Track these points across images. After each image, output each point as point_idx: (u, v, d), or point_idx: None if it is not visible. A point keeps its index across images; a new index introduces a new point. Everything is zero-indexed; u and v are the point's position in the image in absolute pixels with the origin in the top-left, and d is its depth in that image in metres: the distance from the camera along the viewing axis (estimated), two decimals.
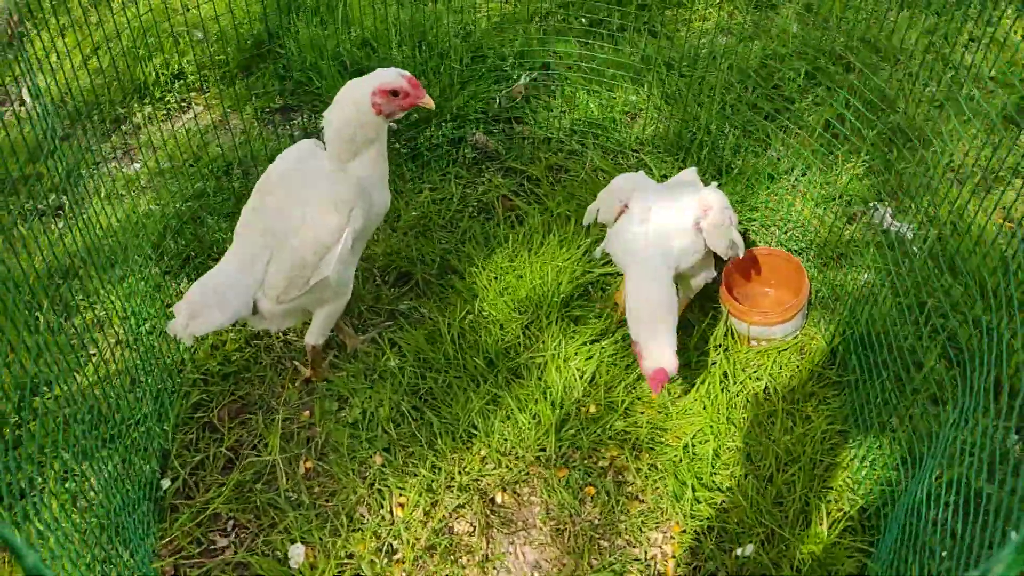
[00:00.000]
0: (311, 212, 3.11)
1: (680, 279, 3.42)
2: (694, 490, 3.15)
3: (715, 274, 3.57)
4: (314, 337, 3.42)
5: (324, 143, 3.18)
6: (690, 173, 3.69)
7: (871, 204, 3.92)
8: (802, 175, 4.09)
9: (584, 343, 3.59)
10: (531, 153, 4.51)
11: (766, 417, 3.35)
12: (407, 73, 3.04)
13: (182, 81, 4.91)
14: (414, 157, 4.48)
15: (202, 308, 3.06)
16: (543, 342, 3.61)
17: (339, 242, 3.11)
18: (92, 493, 2.87)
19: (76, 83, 4.06)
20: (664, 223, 3.28)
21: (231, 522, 3.24)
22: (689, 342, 3.56)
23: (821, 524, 3.04)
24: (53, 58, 4.37)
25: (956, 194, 3.32)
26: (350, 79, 3.11)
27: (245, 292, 3.15)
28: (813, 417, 3.33)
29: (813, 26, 4.77)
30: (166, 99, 4.91)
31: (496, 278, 3.86)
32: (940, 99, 4.13)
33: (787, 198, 4.07)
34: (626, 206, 3.37)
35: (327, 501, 3.26)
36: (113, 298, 3.50)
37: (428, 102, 3.07)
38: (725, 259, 3.53)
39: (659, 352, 3.05)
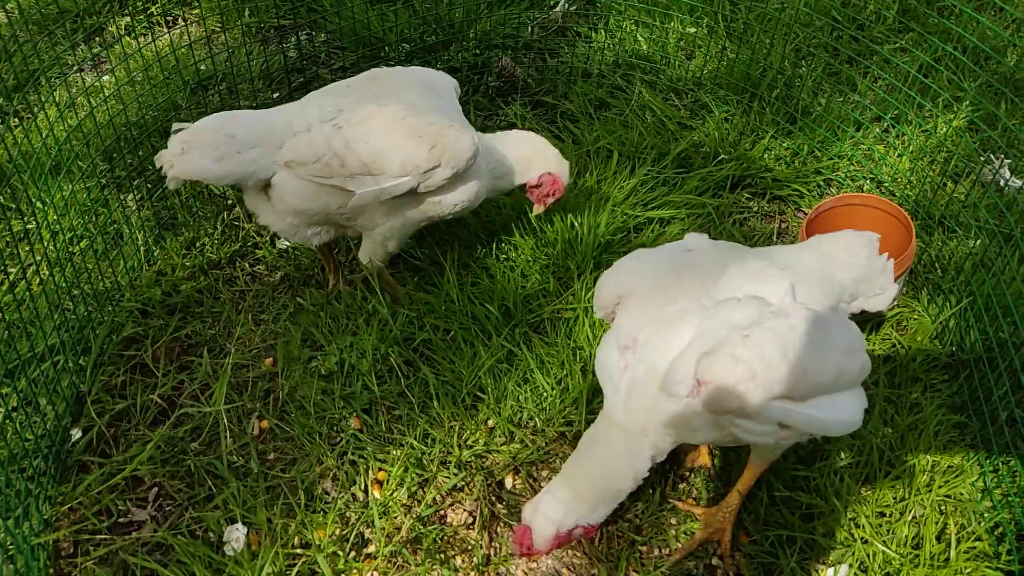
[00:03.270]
0: (407, 121, 2.50)
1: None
2: (769, 488, 2.37)
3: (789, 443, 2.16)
4: (363, 256, 2.79)
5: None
6: (699, 239, 2.27)
7: (985, 157, 3.17)
8: (893, 125, 3.36)
9: None
10: (566, 87, 3.78)
11: None
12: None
13: None
14: None
15: (200, 146, 2.43)
16: (574, 293, 2.85)
17: (394, 178, 2.50)
18: None
19: None
20: (656, 363, 1.96)
21: (155, 490, 2.47)
22: None
23: (941, 544, 2.26)
24: None
25: None
26: None
27: (261, 154, 2.49)
28: (923, 405, 2.56)
29: None
30: (150, 10, 4.22)
31: (518, 218, 3.10)
32: None
33: (878, 148, 3.33)
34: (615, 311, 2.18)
35: (282, 471, 2.49)
36: (48, 210, 2.78)
37: (539, 211, 2.94)
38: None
39: (545, 512, 2.08)
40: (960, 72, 3.61)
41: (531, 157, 2.81)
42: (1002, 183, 3.10)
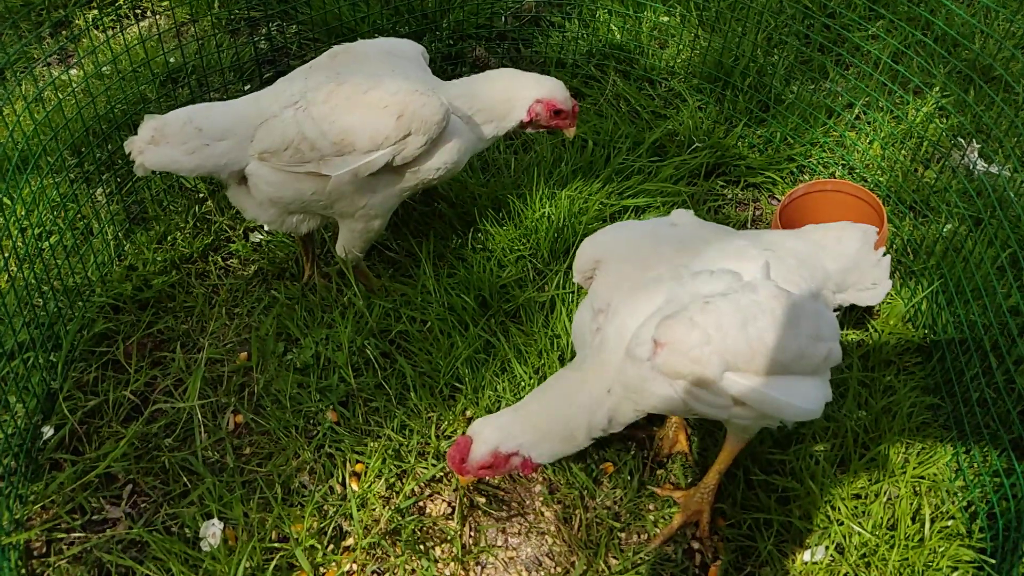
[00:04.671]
0: (369, 95, 2.43)
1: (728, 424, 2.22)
2: (746, 472, 2.39)
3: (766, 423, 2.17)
4: (340, 248, 2.74)
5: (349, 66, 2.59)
6: (684, 215, 2.30)
7: (956, 141, 3.21)
8: (864, 112, 3.39)
9: None
10: None
11: (834, 386, 2.59)
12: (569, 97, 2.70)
13: None
14: None
15: (170, 136, 2.41)
16: (550, 280, 2.84)
17: (366, 154, 2.42)
18: None
19: None
20: (625, 325, 1.98)
21: (129, 487, 2.44)
22: None
23: (916, 524, 2.29)
24: None
25: None
26: None
27: (232, 146, 2.46)
28: (897, 388, 2.59)
29: None
30: (117, 2, 4.15)
31: (494, 207, 3.09)
32: None
33: (850, 134, 3.36)
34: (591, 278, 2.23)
35: (259, 466, 2.47)
36: (16, 206, 2.73)
37: (572, 133, 2.78)
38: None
39: (491, 427, 2.07)
40: (931, 59, 3.65)
41: (509, 94, 2.66)
42: (971, 167, 3.14)
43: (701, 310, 1.84)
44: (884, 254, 2.25)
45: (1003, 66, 3.46)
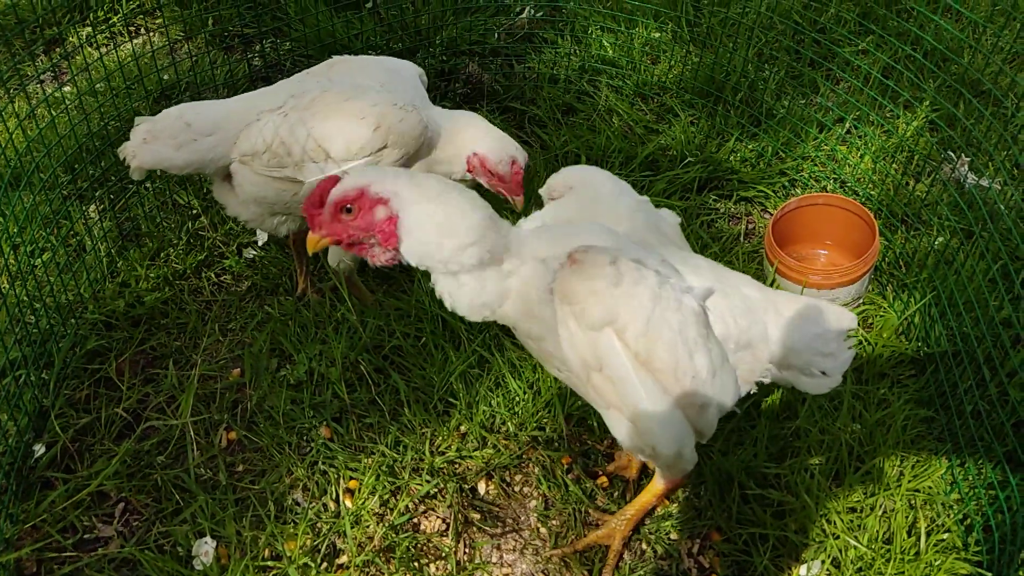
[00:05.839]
0: (349, 104, 2.43)
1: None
2: (741, 486, 2.38)
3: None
4: (332, 258, 2.74)
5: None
6: (672, 216, 2.30)
7: (947, 155, 3.23)
8: (855, 126, 3.42)
9: None
10: (533, 92, 3.79)
11: (828, 400, 2.60)
12: (524, 162, 2.61)
13: (131, 1, 4.17)
14: None
15: (161, 133, 2.46)
16: None
17: (341, 163, 2.42)
18: None
19: None
20: (558, 237, 1.89)
21: (121, 505, 2.43)
22: None
23: (912, 538, 2.28)
24: None
25: None
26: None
27: (218, 141, 2.48)
28: (891, 401, 2.59)
29: None
30: (111, 20, 4.17)
31: None
32: (1016, 50, 3.51)
33: (841, 148, 3.38)
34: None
35: (252, 483, 2.45)
36: (8, 223, 2.73)
37: (518, 203, 2.65)
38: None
39: (371, 168, 1.88)
40: (920, 73, 3.68)
41: (458, 142, 2.57)
42: (962, 181, 3.16)
43: (629, 263, 1.79)
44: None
45: (991, 80, 3.49)
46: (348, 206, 1.79)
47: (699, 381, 1.84)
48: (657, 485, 2.18)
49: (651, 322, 1.77)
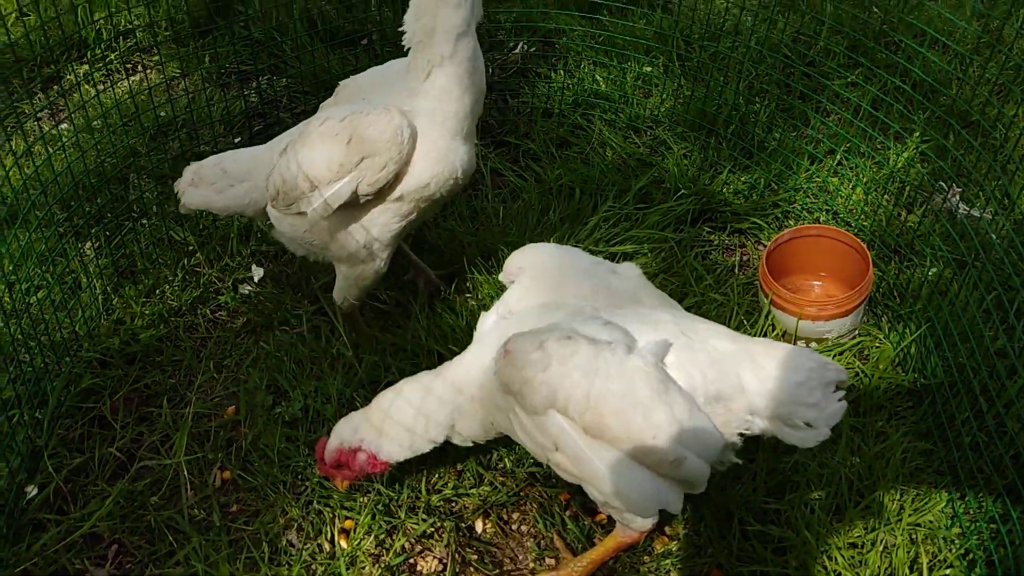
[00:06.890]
0: (324, 125, 2.42)
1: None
2: (741, 522, 2.36)
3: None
4: (337, 294, 2.74)
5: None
6: (631, 269, 2.30)
7: (938, 185, 3.26)
8: (846, 158, 3.45)
9: None
10: (527, 126, 3.82)
11: None
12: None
13: (129, 39, 4.21)
14: None
15: (204, 178, 2.63)
16: None
17: (328, 185, 2.39)
18: None
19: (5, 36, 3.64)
20: (507, 334, 1.98)
21: (114, 547, 2.40)
22: None
23: (914, 574, 2.26)
24: None
25: None
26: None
27: (251, 187, 2.60)
28: (889, 433, 2.58)
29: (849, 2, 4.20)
30: (108, 58, 4.20)
31: (483, 255, 3.10)
32: (1002, 82, 3.55)
33: (832, 180, 3.40)
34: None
35: (246, 524, 2.43)
36: (4, 261, 2.74)
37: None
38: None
39: (341, 425, 2.26)
40: (909, 105, 3.72)
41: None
42: (954, 211, 3.18)
43: (557, 340, 1.84)
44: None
45: (979, 111, 3.53)
46: (339, 463, 2.23)
47: (663, 438, 1.82)
48: (615, 540, 2.16)
49: (591, 395, 1.81)
